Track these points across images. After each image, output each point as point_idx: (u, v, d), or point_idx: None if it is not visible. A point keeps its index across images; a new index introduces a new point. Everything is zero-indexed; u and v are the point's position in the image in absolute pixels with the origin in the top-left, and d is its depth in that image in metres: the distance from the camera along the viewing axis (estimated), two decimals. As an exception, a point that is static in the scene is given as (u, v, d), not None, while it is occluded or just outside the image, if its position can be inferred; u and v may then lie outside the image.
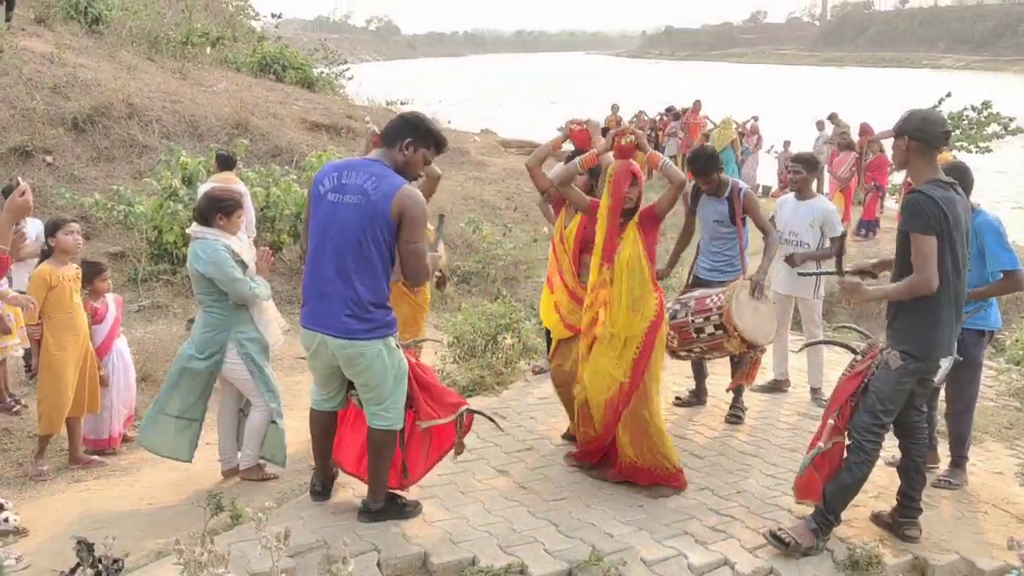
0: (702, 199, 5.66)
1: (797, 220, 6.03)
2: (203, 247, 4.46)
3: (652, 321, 4.49)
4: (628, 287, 4.47)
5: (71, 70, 12.83)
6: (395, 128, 3.86)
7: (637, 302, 4.48)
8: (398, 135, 3.83)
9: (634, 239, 4.51)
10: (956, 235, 3.70)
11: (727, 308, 4.99)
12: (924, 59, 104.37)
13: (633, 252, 4.49)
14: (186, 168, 9.38)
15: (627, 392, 4.48)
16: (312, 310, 3.81)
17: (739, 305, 5.01)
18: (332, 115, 15.75)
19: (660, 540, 4.02)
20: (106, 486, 4.98)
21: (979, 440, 5.68)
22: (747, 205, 5.50)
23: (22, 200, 3.52)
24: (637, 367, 4.46)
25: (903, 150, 3.80)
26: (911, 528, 4.14)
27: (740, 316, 4.97)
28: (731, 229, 5.56)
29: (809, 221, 5.99)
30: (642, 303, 4.48)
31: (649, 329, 4.48)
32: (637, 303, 4.48)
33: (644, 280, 4.50)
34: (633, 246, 4.50)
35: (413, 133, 3.83)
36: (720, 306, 5.04)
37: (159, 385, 6.83)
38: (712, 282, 5.49)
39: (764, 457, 5.13)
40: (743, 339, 5.02)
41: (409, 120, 3.91)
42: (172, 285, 9.13)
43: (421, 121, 3.91)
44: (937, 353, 3.84)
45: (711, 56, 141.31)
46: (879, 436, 3.88)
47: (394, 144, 3.83)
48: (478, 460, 4.86)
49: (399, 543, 3.84)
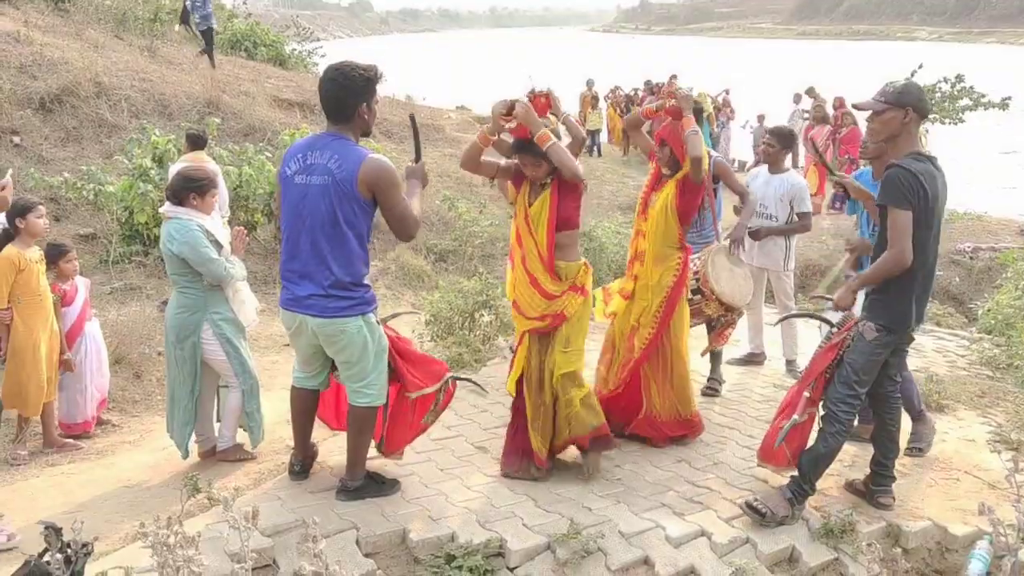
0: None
1: (769, 193, 6.05)
2: (176, 227, 4.40)
3: (676, 276, 4.76)
4: (657, 239, 4.76)
5: (38, 49, 12.56)
6: (340, 98, 3.70)
7: (661, 256, 4.75)
8: (349, 105, 3.70)
9: (670, 191, 4.75)
10: (933, 209, 3.72)
11: (704, 272, 5.05)
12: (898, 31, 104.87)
13: (662, 206, 4.75)
14: (157, 147, 9.24)
15: (653, 342, 4.74)
16: (291, 292, 3.79)
17: (716, 269, 5.07)
18: (305, 93, 15.55)
19: (637, 512, 4.05)
20: (82, 469, 4.94)
21: (952, 408, 5.77)
22: (718, 172, 5.49)
23: (1, 195, 3.50)
24: (664, 320, 4.73)
25: (900, 122, 3.75)
26: (884, 496, 4.20)
27: (717, 280, 5.03)
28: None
29: (780, 195, 6.02)
30: (666, 257, 4.75)
31: (675, 284, 4.75)
32: (661, 256, 4.76)
33: (669, 235, 4.76)
34: (665, 198, 4.75)
35: (360, 95, 3.71)
36: (696, 271, 5.09)
37: (133, 367, 6.83)
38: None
39: (740, 429, 5.18)
40: (721, 302, 5.11)
41: (349, 84, 3.69)
42: (144, 267, 9.02)
43: (355, 78, 3.70)
44: (911, 324, 3.88)
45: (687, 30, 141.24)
46: (853, 407, 3.92)
47: (351, 115, 3.73)
48: (456, 437, 4.87)
49: (378, 521, 3.85)
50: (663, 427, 4.83)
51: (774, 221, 6.05)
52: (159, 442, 5.37)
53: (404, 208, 3.72)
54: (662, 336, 4.75)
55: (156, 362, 7.09)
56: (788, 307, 6.18)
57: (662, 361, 4.78)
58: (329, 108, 3.75)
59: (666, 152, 4.78)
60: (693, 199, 4.78)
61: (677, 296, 4.75)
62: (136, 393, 6.62)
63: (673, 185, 4.75)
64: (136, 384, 6.72)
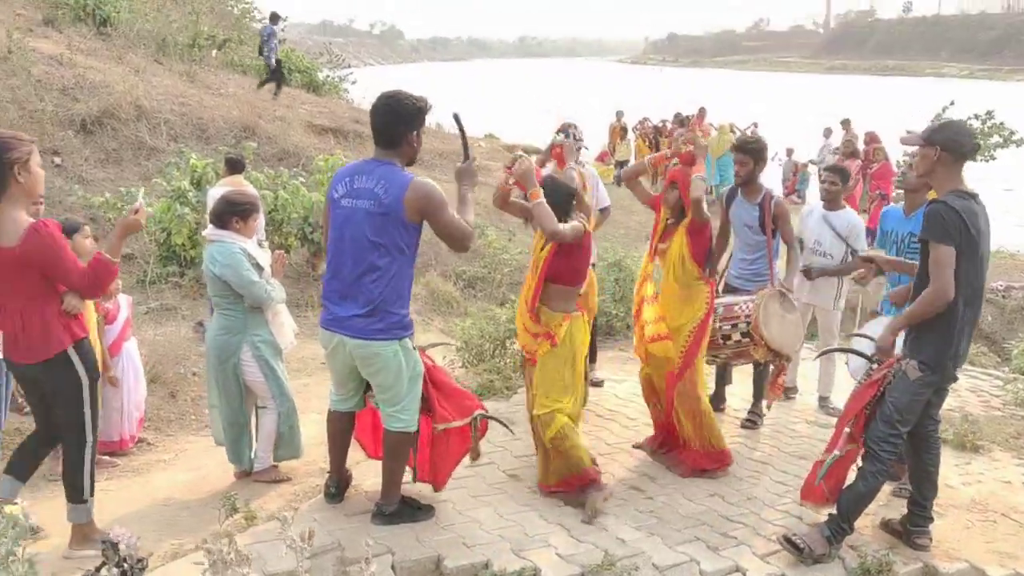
0: (736, 202, 5.66)
1: (825, 230, 6.02)
2: (219, 250, 4.49)
3: (704, 312, 4.87)
4: (678, 283, 4.88)
5: (80, 72, 12.87)
6: (390, 124, 3.80)
7: (686, 296, 4.86)
8: (398, 132, 3.80)
9: (681, 241, 4.85)
10: (976, 246, 3.72)
11: (755, 317, 5.03)
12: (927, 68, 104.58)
13: (677, 252, 4.86)
14: (195, 170, 9.41)
15: (678, 375, 4.85)
16: (331, 311, 3.85)
17: (767, 315, 5.05)
18: (338, 119, 15.80)
19: (672, 546, 4.04)
20: (119, 487, 5.00)
21: (987, 450, 5.71)
22: (777, 214, 5.47)
23: (134, 219, 3.65)
24: (689, 353, 4.82)
25: (931, 159, 3.78)
26: (921, 536, 4.16)
27: (768, 326, 5.01)
28: (761, 237, 5.54)
29: (836, 232, 5.98)
30: (693, 295, 4.87)
31: (702, 320, 4.87)
32: (687, 296, 4.87)
33: (690, 276, 4.87)
34: (679, 247, 4.85)
35: (409, 123, 3.82)
36: (748, 314, 5.08)
37: (168, 387, 6.91)
38: (740, 290, 5.52)
39: (774, 464, 5.15)
40: (769, 348, 5.08)
41: (401, 112, 3.79)
42: (181, 287, 9.16)
43: (407, 106, 3.79)
44: (955, 364, 3.87)
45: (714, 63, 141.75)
46: (896, 446, 3.90)
47: (399, 142, 3.83)
48: (488, 464, 4.88)
49: (413, 546, 3.86)
50: (691, 457, 4.90)
51: (829, 259, 6.01)
52: (194, 461, 5.44)
53: (456, 224, 3.78)
54: (690, 367, 4.82)
55: (191, 382, 7.18)
56: (830, 345, 6.13)
57: (690, 394, 4.83)
58: (379, 134, 3.84)
59: (674, 194, 4.87)
60: (703, 239, 4.92)
61: (705, 327, 4.86)
62: (171, 412, 6.70)
63: (683, 233, 4.86)
64: (171, 403, 6.80)
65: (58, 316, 3.63)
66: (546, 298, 4.49)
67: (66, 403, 3.73)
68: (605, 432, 5.46)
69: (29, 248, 3.47)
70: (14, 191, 3.49)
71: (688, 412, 4.85)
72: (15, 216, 3.49)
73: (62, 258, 3.55)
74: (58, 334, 3.63)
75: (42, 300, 3.60)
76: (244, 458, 4.83)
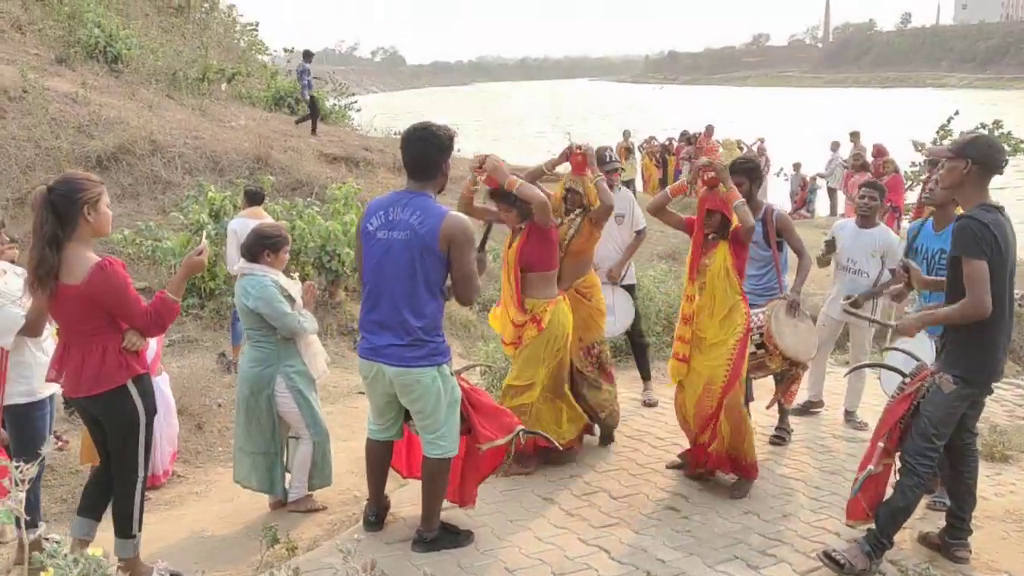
0: None
1: (858, 248, 6.03)
2: (252, 283, 4.54)
3: (744, 327, 4.87)
4: (719, 299, 4.84)
5: (95, 109, 13.03)
6: (427, 156, 3.87)
7: (727, 311, 4.84)
8: (435, 163, 3.89)
9: (724, 254, 4.86)
10: (1006, 258, 3.75)
11: (767, 327, 5.07)
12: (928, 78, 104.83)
13: (720, 265, 4.86)
14: (214, 203, 9.51)
15: (725, 391, 4.83)
16: (370, 342, 3.89)
17: (778, 323, 5.08)
18: (347, 147, 15.92)
19: (712, 565, 4.04)
20: (154, 520, 5.02)
21: (1016, 459, 5.71)
22: (780, 227, 5.54)
23: (199, 259, 3.75)
24: (734, 370, 4.82)
25: (961, 172, 3.80)
26: (961, 549, 4.16)
27: (780, 335, 5.04)
28: (767, 252, 5.60)
29: (871, 250, 5.99)
30: (733, 312, 4.85)
31: (742, 336, 4.86)
32: (727, 312, 4.84)
33: (732, 290, 4.86)
34: (722, 260, 4.86)
35: (444, 153, 3.91)
36: (760, 325, 5.12)
37: (195, 418, 6.96)
38: (754, 305, 5.54)
39: (806, 480, 5.15)
40: (784, 356, 5.11)
41: (437, 143, 3.87)
42: (201, 319, 9.24)
43: (441, 137, 3.89)
44: (991, 377, 3.88)
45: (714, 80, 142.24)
46: (932, 460, 3.90)
47: (435, 173, 3.91)
48: (523, 489, 4.90)
49: (455, 572, 3.88)
50: (733, 465, 4.96)
51: (864, 276, 6.02)
52: (226, 493, 5.47)
53: (472, 269, 3.85)
54: (736, 380, 4.83)
55: (217, 413, 7.23)
56: (860, 360, 6.14)
57: (735, 407, 4.85)
58: (413, 166, 3.89)
59: (715, 220, 4.89)
60: (745, 253, 4.98)
61: (746, 341, 4.88)
62: (199, 444, 6.74)
63: (726, 246, 4.86)
64: (199, 435, 6.85)
65: (118, 352, 3.69)
66: (528, 288, 4.98)
67: (121, 437, 3.78)
68: (636, 453, 5.47)
69: (95, 286, 3.55)
70: (83, 230, 3.60)
71: (735, 427, 4.85)
72: (82, 254, 3.58)
73: (126, 296, 3.63)
74: (118, 369, 3.68)
75: (104, 336, 3.67)
76: (278, 487, 4.86)
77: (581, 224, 5.34)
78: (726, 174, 4.88)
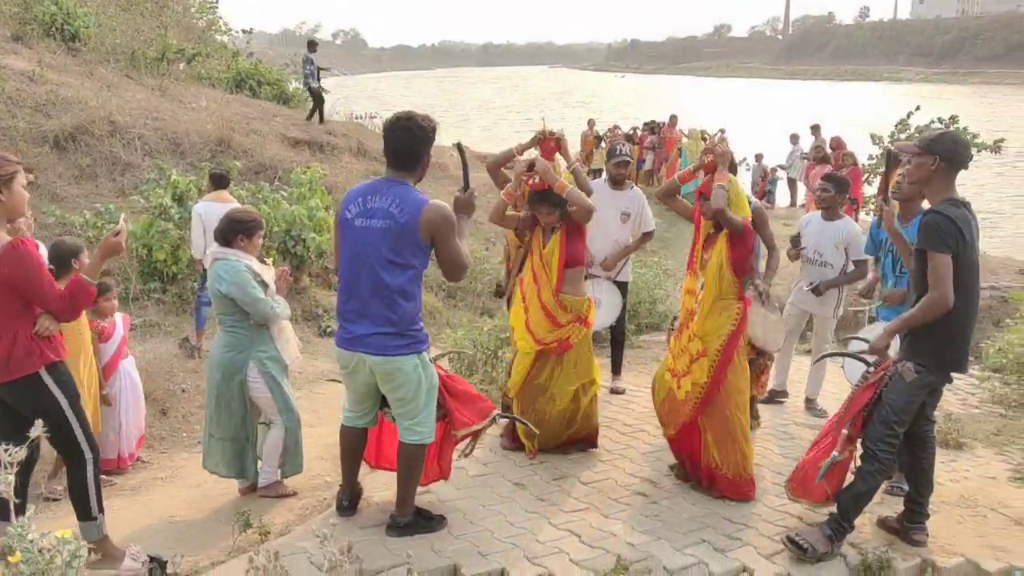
0: None
1: (823, 240, 6.15)
2: (225, 268, 4.51)
3: (734, 327, 4.75)
4: (714, 294, 4.79)
5: (52, 88, 12.73)
6: (410, 146, 3.86)
7: (719, 308, 4.77)
8: (417, 153, 3.88)
9: (721, 249, 4.78)
10: (969, 252, 3.86)
11: None
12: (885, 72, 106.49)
13: (716, 261, 4.79)
14: (177, 187, 9.38)
15: (708, 393, 4.71)
16: (349, 331, 3.89)
17: (752, 315, 5.16)
18: (311, 131, 15.76)
19: (680, 549, 4.13)
20: (122, 505, 4.98)
21: (970, 446, 5.89)
22: (755, 219, 5.59)
23: (115, 240, 3.64)
24: (719, 369, 4.70)
25: (929, 168, 3.90)
26: (918, 533, 4.30)
27: (751, 325, 5.13)
28: None
29: (835, 242, 6.10)
30: (725, 309, 4.77)
31: (731, 335, 4.73)
32: (719, 309, 4.77)
33: (727, 289, 4.78)
34: (718, 256, 4.79)
35: (427, 144, 3.90)
36: None
37: (159, 404, 6.89)
38: None
39: (768, 467, 5.27)
40: (753, 347, 5.21)
41: (420, 134, 3.85)
42: (163, 304, 9.11)
43: (424, 127, 3.87)
44: (954, 367, 4.00)
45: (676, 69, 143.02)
46: (893, 446, 4.03)
47: (416, 163, 3.90)
48: (494, 474, 4.96)
49: (429, 556, 3.91)
50: (721, 483, 4.76)
51: (829, 268, 6.13)
52: (192, 478, 5.44)
53: (458, 251, 3.84)
54: (719, 387, 4.70)
55: (181, 399, 7.17)
56: (823, 350, 6.28)
57: (719, 414, 4.71)
58: (396, 155, 3.87)
59: (708, 206, 4.84)
60: (744, 250, 4.85)
61: (734, 345, 4.72)
62: (163, 430, 6.69)
63: (724, 240, 4.78)
64: (162, 421, 6.79)
65: (30, 338, 3.53)
66: (566, 284, 5.03)
67: (53, 424, 3.61)
68: (604, 439, 5.53)
69: (6, 266, 3.41)
70: None
71: (718, 437, 4.70)
72: None
73: (39, 277, 3.48)
74: (27, 356, 3.52)
75: (16, 320, 3.51)
76: (249, 472, 4.84)
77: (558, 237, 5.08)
78: (725, 160, 4.89)
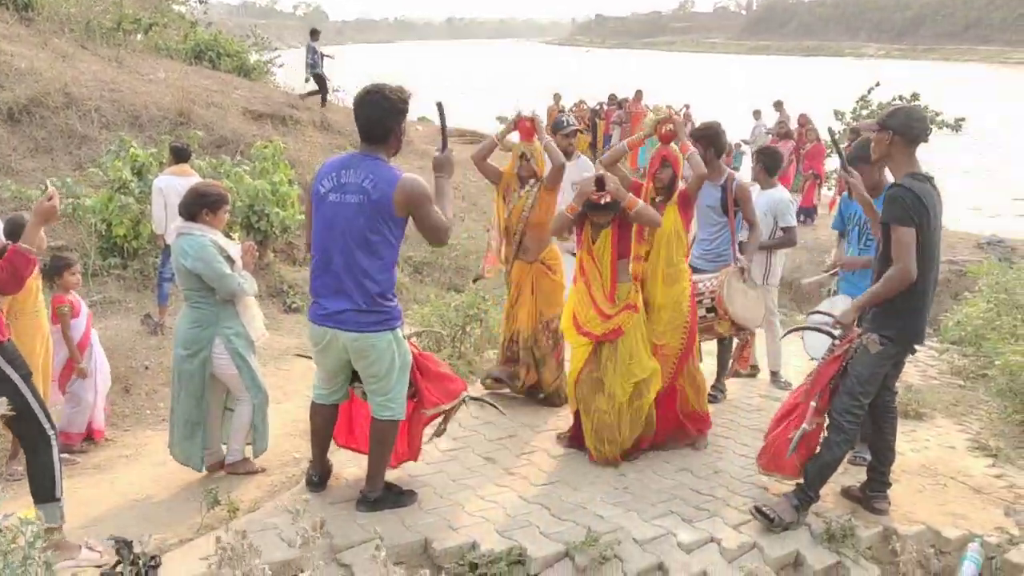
0: None
1: (758, 208, 6.22)
2: (190, 243, 4.43)
3: (688, 296, 5.01)
4: (665, 260, 4.95)
5: (5, 59, 12.35)
6: (380, 120, 3.79)
7: (671, 276, 4.96)
8: (388, 127, 3.81)
9: (674, 216, 4.96)
10: (932, 226, 3.92)
11: (719, 293, 5.26)
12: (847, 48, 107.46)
13: (671, 227, 4.94)
14: (137, 160, 9.18)
15: (684, 354, 5.00)
16: (323, 307, 3.84)
17: (731, 291, 5.26)
18: (273, 104, 15.52)
19: (649, 520, 4.18)
20: (86, 484, 4.92)
21: (930, 417, 6.02)
22: (739, 196, 5.64)
23: (49, 205, 3.54)
24: (690, 337, 4.99)
25: (886, 144, 3.96)
26: (880, 501, 4.39)
27: (732, 301, 5.23)
28: (723, 218, 5.71)
29: (763, 211, 6.18)
30: (677, 276, 4.97)
31: (690, 306, 5.00)
32: (671, 276, 4.96)
33: (679, 254, 5.00)
34: (671, 223, 4.94)
35: (399, 117, 3.83)
36: (712, 290, 5.31)
37: (121, 381, 6.79)
38: (702, 270, 5.66)
39: (735, 439, 5.34)
40: (733, 322, 5.33)
41: (390, 107, 3.78)
42: (123, 280, 8.96)
43: (395, 100, 3.80)
44: (915, 338, 4.07)
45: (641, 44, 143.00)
46: (858, 417, 4.10)
47: (388, 136, 3.84)
48: (464, 448, 4.96)
49: (399, 531, 3.91)
50: (693, 421, 5.15)
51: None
52: (156, 456, 5.37)
53: (437, 218, 3.79)
54: (691, 351, 5.04)
55: (144, 376, 7.07)
56: (772, 321, 6.37)
57: (689, 372, 5.07)
58: (368, 129, 3.81)
59: (668, 173, 4.99)
60: (690, 213, 5.14)
61: (695, 313, 5.08)
62: (125, 407, 6.59)
63: (675, 210, 4.98)
64: (125, 398, 6.69)
65: None
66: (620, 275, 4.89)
67: (9, 402, 3.55)
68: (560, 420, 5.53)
69: None
70: None
71: (694, 386, 5.09)
72: None
73: None
74: None
75: None
76: (195, 458, 4.71)
77: (538, 194, 5.39)
78: (683, 130, 4.98)
